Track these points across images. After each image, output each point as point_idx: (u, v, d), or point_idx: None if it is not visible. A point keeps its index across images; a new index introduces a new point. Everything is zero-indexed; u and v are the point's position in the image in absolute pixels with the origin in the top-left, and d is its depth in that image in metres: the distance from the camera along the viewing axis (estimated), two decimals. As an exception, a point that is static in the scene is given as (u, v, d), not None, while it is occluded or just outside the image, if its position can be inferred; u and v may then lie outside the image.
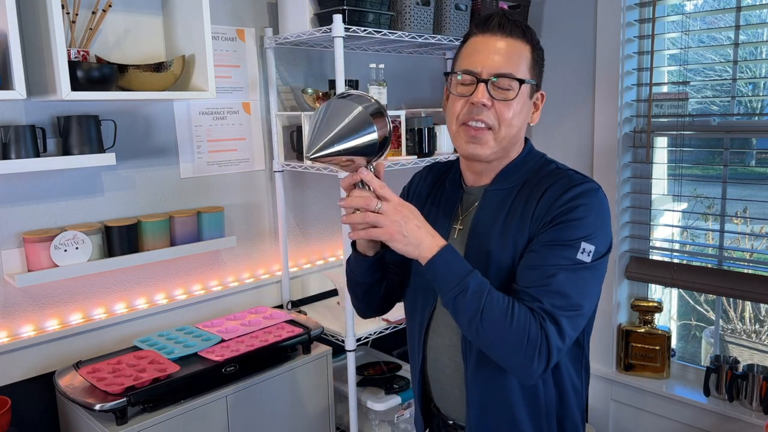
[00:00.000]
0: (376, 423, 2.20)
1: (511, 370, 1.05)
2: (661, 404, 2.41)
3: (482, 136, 1.12)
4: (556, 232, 1.06)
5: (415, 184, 1.37)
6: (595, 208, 1.08)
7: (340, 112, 1.03)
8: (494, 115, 1.11)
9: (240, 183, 2.20)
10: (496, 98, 1.10)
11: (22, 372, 1.73)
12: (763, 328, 2.63)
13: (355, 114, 1.03)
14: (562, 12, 2.61)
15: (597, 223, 1.07)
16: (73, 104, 1.77)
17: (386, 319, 2.19)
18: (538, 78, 1.16)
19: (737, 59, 2.23)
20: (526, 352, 1.00)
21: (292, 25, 2.10)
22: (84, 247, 1.74)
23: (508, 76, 1.10)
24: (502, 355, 1.03)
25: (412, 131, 2.31)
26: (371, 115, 1.04)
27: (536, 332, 1.01)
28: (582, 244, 1.04)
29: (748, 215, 2.34)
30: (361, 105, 1.04)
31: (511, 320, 1.00)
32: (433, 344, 1.24)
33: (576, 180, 1.11)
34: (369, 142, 1.04)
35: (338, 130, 1.01)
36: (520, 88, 1.10)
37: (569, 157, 2.65)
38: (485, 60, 1.11)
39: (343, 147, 1.02)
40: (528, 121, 1.17)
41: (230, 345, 1.83)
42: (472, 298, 1.01)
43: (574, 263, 1.04)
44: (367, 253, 1.20)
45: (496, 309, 1.01)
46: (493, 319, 1.00)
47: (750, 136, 2.27)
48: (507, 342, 1.01)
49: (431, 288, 1.21)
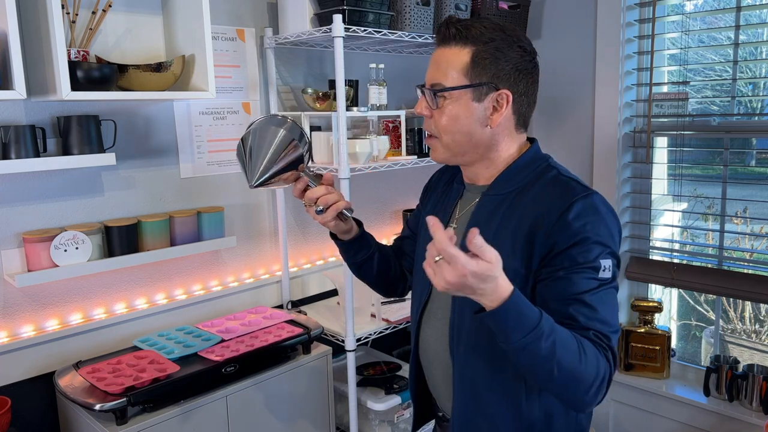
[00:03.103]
0: (376, 423, 2.20)
1: (570, 403, 1.00)
2: (661, 404, 2.41)
3: (432, 143, 1.17)
4: (576, 255, 1.03)
5: (433, 182, 1.40)
6: (602, 222, 1.06)
7: (262, 139, 1.21)
8: (434, 124, 1.14)
9: (240, 183, 2.20)
10: (433, 108, 1.13)
11: (22, 372, 1.73)
12: (763, 328, 2.63)
13: (278, 136, 1.21)
14: (562, 12, 2.60)
15: (606, 236, 1.05)
16: (73, 104, 1.77)
17: (386, 319, 2.19)
18: (486, 79, 1.09)
19: (737, 59, 2.22)
20: (594, 387, 0.97)
21: (292, 25, 2.10)
22: (84, 247, 1.74)
23: (436, 87, 1.11)
24: (569, 393, 0.97)
25: (412, 131, 2.32)
26: (288, 130, 1.22)
27: (604, 366, 0.98)
28: (601, 262, 1.03)
29: (748, 215, 2.34)
30: (278, 126, 1.22)
31: (585, 357, 0.96)
32: (423, 335, 1.26)
33: (578, 193, 1.07)
34: (297, 156, 1.23)
35: (269, 156, 1.20)
36: (447, 96, 1.10)
37: (569, 157, 2.65)
38: (427, 72, 1.15)
39: (278, 168, 1.21)
40: (485, 125, 1.11)
41: (230, 345, 1.83)
42: (546, 343, 0.92)
43: (600, 284, 1.03)
44: (344, 238, 1.32)
45: (570, 348, 0.95)
46: (568, 362, 0.94)
47: (750, 136, 2.27)
48: (580, 380, 0.96)
49: (427, 279, 1.21)
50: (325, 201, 1.21)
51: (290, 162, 1.22)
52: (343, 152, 1.93)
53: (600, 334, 1.00)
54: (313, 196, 1.22)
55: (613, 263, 1.05)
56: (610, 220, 1.07)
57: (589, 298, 1.01)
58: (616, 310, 1.05)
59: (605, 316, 1.02)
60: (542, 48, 2.65)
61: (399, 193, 2.73)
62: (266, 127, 1.22)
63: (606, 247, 1.04)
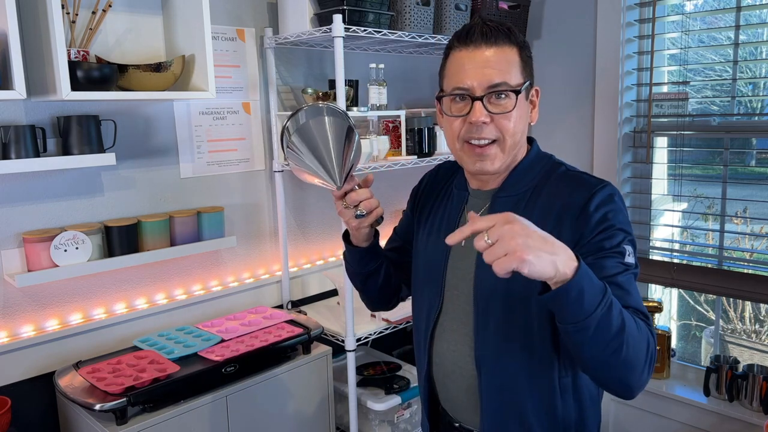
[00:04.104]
0: (376, 423, 2.19)
1: (626, 386, 0.94)
2: (661, 404, 2.41)
3: (488, 152, 1.09)
4: (602, 241, 1.02)
5: (425, 184, 1.35)
6: (621, 211, 1.08)
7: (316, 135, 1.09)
8: (496, 129, 1.07)
9: (240, 183, 2.20)
10: (494, 112, 1.06)
11: (22, 372, 1.73)
12: (763, 328, 2.63)
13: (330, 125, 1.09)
14: (562, 12, 2.60)
15: (626, 223, 1.07)
16: (73, 104, 1.77)
17: (386, 319, 2.19)
18: (530, 77, 1.11)
19: (737, 59, 2.22)
20: (648, 366, 0.94)
21: (292, 25, 2.10)
22: (84, 247, 1.74)
23: (503, 87, 1.06)
24: (629, 372, 0.92)
25: (412, 131, 2.31)
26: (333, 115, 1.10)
27: (653, 342, 0.96)
28: (625, 248, 1.04)
29: (748, 215, 2.34)
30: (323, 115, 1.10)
31: (640, 331, 0.93)
32: (438, 348, 1.22)
33: (594, 185, 1.09)
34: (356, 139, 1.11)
35: (335, 152, 1.08)
36: (518, 96, 1.07)
37: (569, 157, 2.65)
38: (475, 75, 1.06)
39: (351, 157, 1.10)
40: (529, 122, 1.14)
41: (230, 345, 1.83)
42: (616, 312, 0.88)
43: (626, 268, 1.03)
44: (361, 245, 1.25)
45: (630, 321, 0.91)
46: (632, 334, 0.90)
47: (750, 136, 2.27)
48: (639, 356, 0.92)
49: (436, 292, 1.20)
50: (368, 205, 1.13)
51: (356, 146, 1.11)
52: (343, 152, 1.93)
53: (640, 312, 0.99)
54: (357, 198, 1.12)
55: (635, 250, 1.06)
56: (625, 209, 1.10)
57: (620, 279, 1.01)
58: (640, 295, 1.07)
59: (637, 298, 1.02)
60: (542, 48, 2.65)
61: (399, 193, 2.73)
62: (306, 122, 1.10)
63: (627, 233, 1.06)
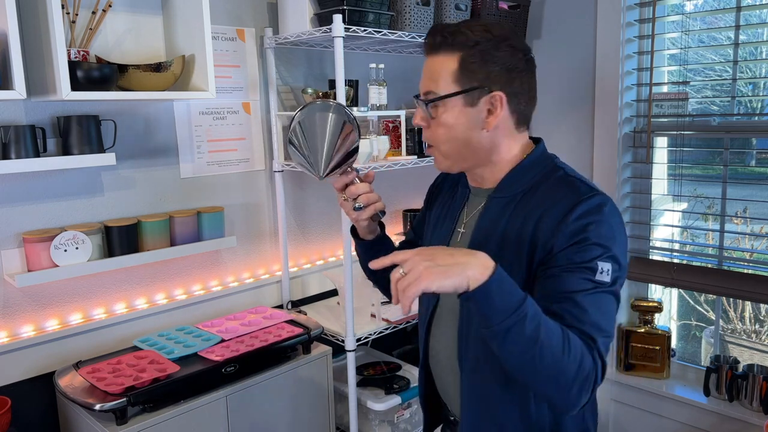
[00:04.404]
0: (376, 423, 2.19)
1: (554, 401, 0.96)
2: (661, 404, 2.41)
3: (432, 153, 1.18)
4: (573, 254, 1.00)
5: (439, 180, 1.40)
6: (605, 224, 1.03)
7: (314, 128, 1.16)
8: (431, 134, 1.14)
9: (240, 183, 2.20)
10: (432, 117, 1.12)
11: (22, 372, 1.73)
12: (763, 328, 2.63)
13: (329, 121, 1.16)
14: (562, 12, 2.60)
15: (608, 238, 1.02)
16: (73, 104, 1.77)
17: (386, 319, 2.19)
18: (477, 83, 1.08)
19: (737, 59, 2.22)
20: (577, 385, 0.93)
21: (292, 25, 2.10)
22: (84, 247, 1.74)
23: (430, 96, 1.11)
24: (551, 388, 0.93)
25: (412, 131, 2.32)
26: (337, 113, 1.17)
27: (589, 364, 0.94)
28: (599, 264, 0.99)
29: (748, 215, 2.34)
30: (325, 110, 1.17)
31: (568, 350, 0.92)
32: (433, 340, 1.25)
33: (583, 194, 1.05)
34: (354, 138, 1.18)
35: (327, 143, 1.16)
36: (444, 102, 1.10)
37: (569, 157, 2.65)
38: (420, 83, 1.15)
39: (341, 153, 1.16)
40: (482, 128, 1.10)
41: (230, 345, 1.83)
42: (530, 325, 0.89)
43: (596, 286, 0.99)
44: (366, 238, 1.32)
45: (554, 337, 0.91)
46: (551, 349, 0.90)
47: (750, 136, 2.27)
48: (562, 374, 0.92)
49: None
50: (367, 199, 1.20)
51: (351, 146, 1.18)
52: (343, 152, 1.93)
53: (587, 335, 0.95)
54: (356, 191, 1.19)
55: (614, 267, 1.00)
56: (616, 224, 1.04)
57: (581, 298, 0.97)
58: (611, 316, 1.00)
59: (597, 319, 0.97)
60: (542, 48, 2.65)
61: (399, 193, 2.74)
62: (312, 114, 1.17)
63: (606, 249, 1.00)
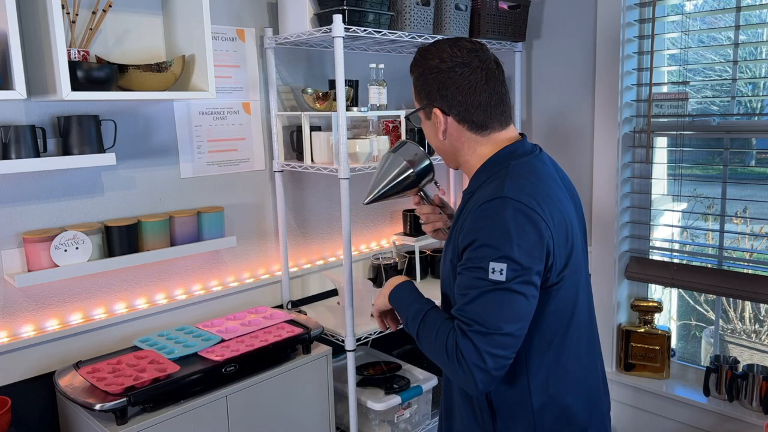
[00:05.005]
0: (376, 423, 2.19)
1: (452, 378, 1.14)
2: (661, 404, 2.41)
3: None
4: (469, 252, 1.10)
5: None
6: (499, 225, 1.06)
7: (388, 166, 1.41)
8: None
9: (240, 183, 2.20)
10: None
11: (22, 372, 1.73)
12: (763, 328, 2.63)
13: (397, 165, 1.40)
14: (562, 12, 2.60)
15: (500, 240, 1.06)
16: (73, 104, 1.77)
17: (386, 319, 2.19)
18: (423, 101, 1.24)
19: (737, 59, 2.22)
20: (451, 364, 1.08)
21: (292, 25, 2.10)
22: (84, 247, 1.74)
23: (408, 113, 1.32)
24: (442, 365, 1.14)
25: (412, 131, 2.32)
26: (407, 160, 1.38)
27: (452, 346, 1.08)
28: (490, 264, 1.05)
29: (748, 215, 2.34)
30: (401, 155, 1.40)
31: (436, 336, 1.13)
32: None
33: (486, 196, 1.11)
34: (408, 183, 1.40)
35: (382, 179, 1.41)
36: (417, 115, 1.29)
37: (569, 157, 2.65)
38: None
39: (389, 193, 1.41)
40: (442, 138, 1.25)
41: (230, 345, 1.83)
42: (411, 324, 1.22)
43: (492, 284, 1.05)
44: None
45: (428, 329, 1.16)
46: (427, 338, 1.16)
47: (750, 136, 2.27)
48: (437, 354, 1.12)
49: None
50: (426, 218, 1.46)
51: (401, 189, 1.41)
52: (343, 152, 1.93)
53: (462, 322, 1.08)
54: (420, 212, 1.46)
55: (509, 267, 1.05)
56: (514, 225, 1.06)
57: (473, 293, 1.07)
58: (504, 312, 1.05)
59: (482, 312, 1.06)
60: (542, 48, 2.65)
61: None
62: (395, 155, 1.41)
63: (497, 250, 1.05)
